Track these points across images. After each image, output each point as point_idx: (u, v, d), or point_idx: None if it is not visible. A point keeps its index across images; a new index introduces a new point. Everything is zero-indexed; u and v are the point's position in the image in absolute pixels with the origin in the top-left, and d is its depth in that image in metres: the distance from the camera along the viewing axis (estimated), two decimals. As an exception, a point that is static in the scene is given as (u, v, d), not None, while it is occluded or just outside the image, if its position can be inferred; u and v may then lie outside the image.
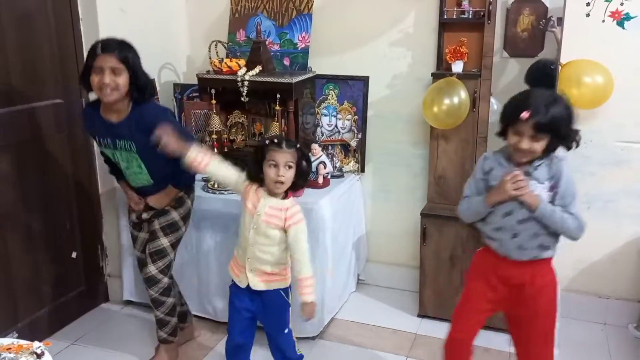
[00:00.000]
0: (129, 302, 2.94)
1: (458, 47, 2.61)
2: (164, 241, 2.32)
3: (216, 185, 2.70)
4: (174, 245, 2.36)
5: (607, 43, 2.51)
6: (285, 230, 1.98)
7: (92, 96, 2.21)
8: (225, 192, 2.66)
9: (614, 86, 2.47)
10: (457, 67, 2.63)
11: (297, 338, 2.17)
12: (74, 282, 2.81)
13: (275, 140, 1.99)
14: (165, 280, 2.35)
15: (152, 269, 2.31)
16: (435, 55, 2.76)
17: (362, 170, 3.02)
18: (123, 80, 2.08)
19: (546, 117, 1.73)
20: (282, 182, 1.96)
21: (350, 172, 2.98)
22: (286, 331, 2.12)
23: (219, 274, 2.68)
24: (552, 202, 1.83)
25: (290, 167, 1.97)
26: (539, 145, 1.78)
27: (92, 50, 2.08)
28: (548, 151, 1.82)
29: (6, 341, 1.05)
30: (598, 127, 2.62)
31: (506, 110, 1.84)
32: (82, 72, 2.13)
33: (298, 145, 2.01)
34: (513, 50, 2.67)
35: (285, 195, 2.03)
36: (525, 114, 1.73)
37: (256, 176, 2.01)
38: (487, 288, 1.95)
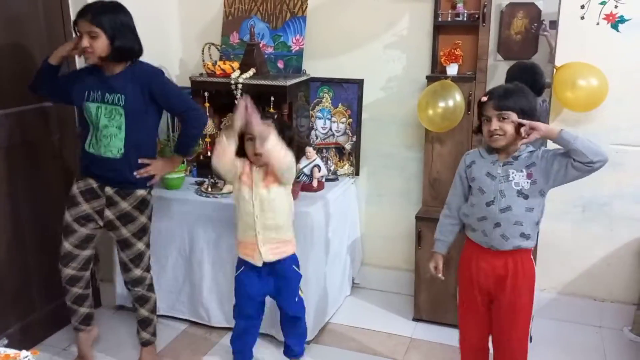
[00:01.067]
0: (120, 307, 2.91)
1: (453, 50, 2.61)
2: (140, 245, 2.34)
3: (209, 189, 2.67)
4: (148, 245, 2.39)
5: (601, 46, 2.51)
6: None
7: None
8: (219, 196, 2.63)
9: (609, 89, 2.47)
10: (452, 69, 2.62)
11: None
12: (66, 287, 2.77)
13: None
14: (149, 276, 2.41)
15: (138, 272, 2.35)
16: (430, 57, 2.75)
17: (357, 173, 3.00)
18: (100, 43, 2.10)
19: (503, 94, 1.88)
20: (259, 155, 2.06)
21: (345, 176, 2.97)
22: (297, 299, 2.26)
23: (212, 278, 2.66)
24: (540, 192, 1.90)
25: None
26: (509, 125, 1.86)
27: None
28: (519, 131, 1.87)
29: (-7, 350, 1.03)
30: (593, 130, 2.61)
31: (477, 109, 1.98)
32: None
33: (275, 117, 2.10)
34: (507, 53, 2.67)
35: None
36: (484, 97, 1.92)
37: (241, 152, 2.13)
38: (478, 289, 2.01)
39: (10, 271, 2.47)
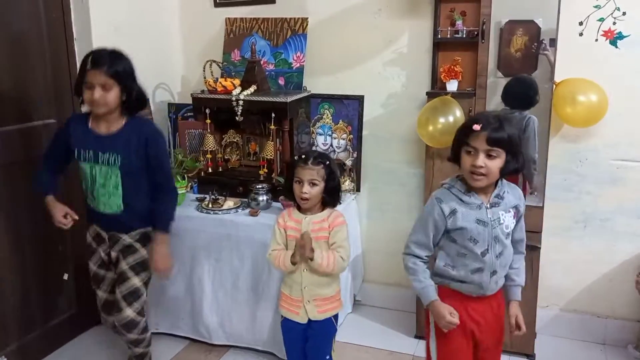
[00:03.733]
0: None
1: (452, 66, 2.62)
2: (136, 281, 2.21)
3: (210, 205, 2.67)
4: (146, 284, 2.27)
5: (600, 62, 2.53)
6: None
7: (85, 108, 2.19)
8: (220, 212, 2.63)
9: (609, 104, 2.48)
10: (452, 86, 2.64)
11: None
12: (65, 304, 2.76)
13: (302, 156, 2.02)
14: (143, 320, 2.27)
15: (130, 313, 2.20)
16: (429, 74, 2.77)
17: (358, 189, 3.00)
18: (112, 95, 2.04)
19: (499, 128, 1.66)
20: (305, 199, 1.99)
21: (346, 192, 2.96)
22: (328, 357, 2.12)
23: (213, 295, 2.64)
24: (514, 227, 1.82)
25: (314, 184, 1.99)
26: (495, 164, 1.67)
27: (83, 64, 2.04)
28: (502, 175, 1.72)
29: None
30: (593, 145, 2.62)
31: (458, 133, 1.76)
32: (75, 84, 2.10)
33: (327, 162, 2.02)
34: (507, 70, 2.68)
35: (323, 207, 2.07)
36: (476, 125, 1.66)
37: (289, 194, 2.06)
38: (463, 336, 1.82)
39: (9, 288, 2.45)
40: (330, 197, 2.05)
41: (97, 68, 2.00)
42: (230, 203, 2.68)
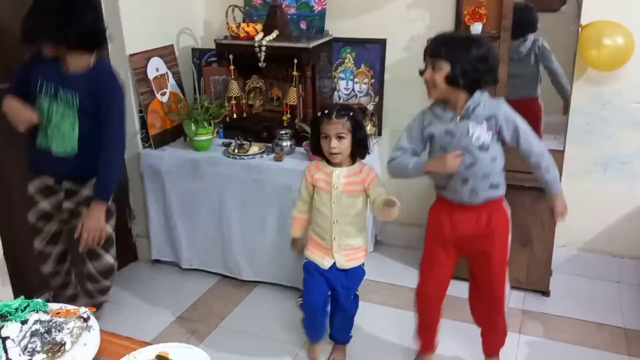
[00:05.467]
0: (156, 261, 3.07)
1: (477, 9, 2.58)
2: (108, 258, 2.27)
3: (236, 150, 2.76)
4: (115, 254, 2.30)
5: (629, 3, 2.46)
6: (366, 192, 2.05)
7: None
8: (245, 157, 2.72)
9: (635, 48, 2.44)
10: (476, 28, 2.61)
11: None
12: (104, 243, 2.91)
13: (326, 112, 2.00)
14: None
15: (110, 259, 2.27)
16: (453, 16, 2.74)
17: (380, 133, 3.04)
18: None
19: (442, 42, 1.81)
20: (335, 154, 2.00)
21: (368, 136, 3.01)
22: (352, 297, 2.21)
23: (241, 235, 2.78)
24: (499, 140, 1.88)
25: (341, 137, 1.98)
26: (439, 76, 1.80)
27: None
28: (470, 91, 1.83)
29: (55, 306, 1.15)
30: (617, 89, 2.60)
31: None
32: None
33: (351, 114, 2.00)
34: (534, 4, 2.63)
35: (353, 160, 2.08)
36: (425, 44, 1.87)
37: (317, 150, 2.07)
38: (445, 242, 2.02)
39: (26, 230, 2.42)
40: (360, 148, 2.05)
41: None
42: (255, 148, 2.77)
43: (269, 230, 2.72)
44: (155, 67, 2.88)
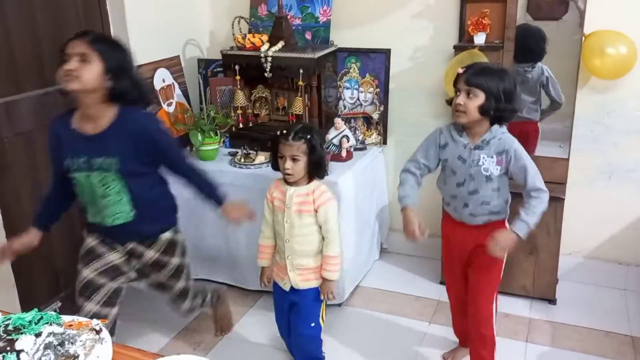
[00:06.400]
0: None
1: (480, 19, 2.61)
2: (180, 284, 2.12)
3: (242, 160, 2.78)
4: (189, 277, 2.16)
5: (631, 13, 2.48)
6: (316, 212, 2.03)
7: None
8: (251, 167, 2.74)
9: (637, 56, 2.45)
10: (480, 38, 2.63)
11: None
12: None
13: (284, 132, 1.99)
14: (199, 302, 2.30)
15: (187, 305, 2.23)
16: (457, 27, 2.76)
17: (385, 142, 3.06)
18: (91, 70, 1.68)
19: (479, 71, 1.87)
20: (289, 174, 2.00)
21: (373, 145, 3.04)
22: (313, 324, 2.13)
23: (247, 245, 2.78)
24: (505, 173, 1.95)
25: (296, 159, 1.97)
26: (473, 104, 1.85)
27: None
28: (491, 122, 1.91)
29: (67, 318, 1.16)
30: (621, 97, 2.61)
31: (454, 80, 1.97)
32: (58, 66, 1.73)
33: (308, 137, 1.97)
34: (536, 13, 2.65)
35: (310, 179, 2.06)
36: (460, 69, 1.91)
37: (277, 167, 2.07)
38: (454, 255, 2.15)
39: (60, 240, 2.58)
40: (315, 170, 2.03)
41: (78, 38, 1.71)
42: (261, 158, 2.78)
43: (275, 240, 2.73)
44: (162, 78, 2.91)
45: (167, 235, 2.02)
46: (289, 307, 2.17)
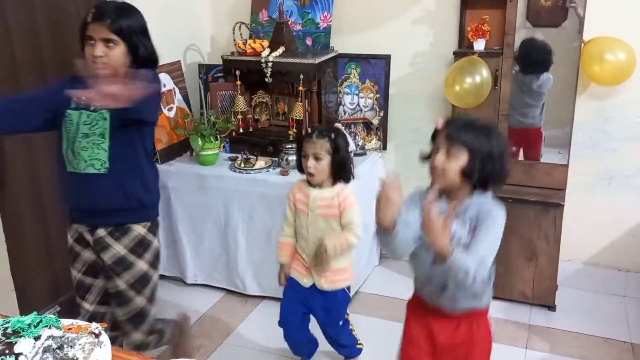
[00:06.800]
0: (161, 276, 2.97)
1: (480, 25, 2.62)
2: (140, 300, 1.88)
3: (242, 165, 2.78)
4: (152, 298, 1.92)
5: (630, 20, 2.49)
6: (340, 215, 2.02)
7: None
8: (251, 172, 2.74)
9: (636, 63, 2.47)
10: (479, 45, 2.65)
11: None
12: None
13: (309, 131, 2.01)
14: (154, 338, 1.99)
15: (139, 336, 1.92)
16: (457, 33, 2.78)
17: (384, 147, 3.07)
18: (117, 53, 1.72)
19: (462, 126, 1.51)
20: (311, 174, 1.99)
21: (373, 150, 3.04)
22: (340, 323, 2.15)
23: (247, 250, 2.79)
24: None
25: (319, 158, 1.97)
26: (452, 166, 1.49)
27: (85, 18, 1.75)
28: (474, 187, 1.53)
29: (66, 321, 1.16)
30: (620, 103, 2.63)
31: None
32: (80, 43, 1.76)
33: (332, 135, 1.96)
34: (536, 19, 2.67)
35: (335, 181, 2.04)
36: (440, 121, 1.54)
37: (301, 168, 2.06)
38: (422, 348, 1.71)
39: (59, 244, 2.58)
40: (340, 171, 2.00)
41: (99, 21, 1.71)
42: (261, 162, 2.79)
43: (274, 245, 2.71)
44: (163, 83, 2.92)
45: (139, 230, 1.86)
46: (304, 303, 2.13)
